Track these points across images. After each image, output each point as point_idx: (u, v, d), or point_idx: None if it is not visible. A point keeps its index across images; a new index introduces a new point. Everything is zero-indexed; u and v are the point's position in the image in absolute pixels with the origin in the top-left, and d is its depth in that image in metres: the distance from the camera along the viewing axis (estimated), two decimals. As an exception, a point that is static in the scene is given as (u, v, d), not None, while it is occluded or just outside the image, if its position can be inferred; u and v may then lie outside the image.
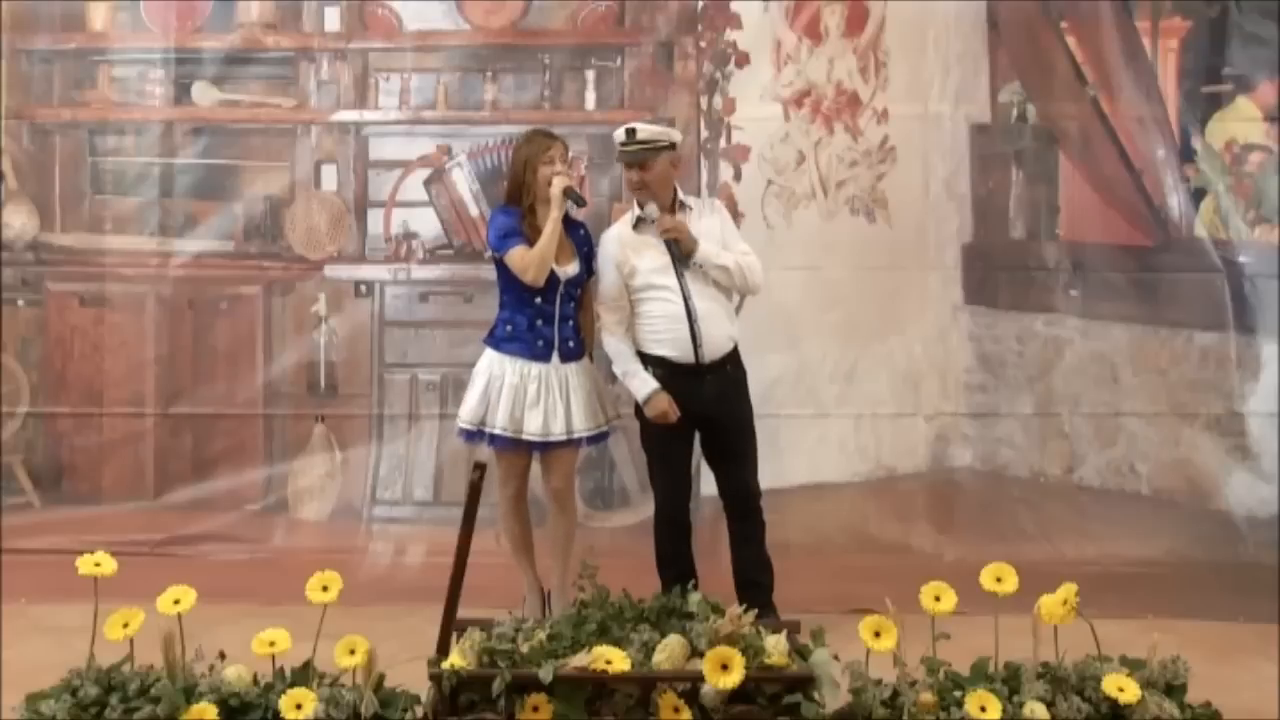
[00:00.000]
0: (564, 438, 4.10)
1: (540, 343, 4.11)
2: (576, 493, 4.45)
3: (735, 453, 4.30)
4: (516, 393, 4.08)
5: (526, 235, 4.06)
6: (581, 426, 4.13)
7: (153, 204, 5.55)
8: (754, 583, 4.24)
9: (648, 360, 4.21)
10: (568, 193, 4.04)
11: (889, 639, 3.07)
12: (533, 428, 4.07)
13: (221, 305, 5.56)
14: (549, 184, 4.04)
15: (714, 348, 4.18)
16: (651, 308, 4.18)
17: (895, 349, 5.43)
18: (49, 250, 5.55)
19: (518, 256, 4.05)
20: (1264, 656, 4.10)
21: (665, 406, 4.13)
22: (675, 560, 4.27)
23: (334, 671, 3.10)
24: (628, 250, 4.19)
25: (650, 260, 4.17)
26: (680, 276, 4.14)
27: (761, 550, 4.30)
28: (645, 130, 4.16)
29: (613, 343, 4.22)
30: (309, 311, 5.53)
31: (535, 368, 4.09)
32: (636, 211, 4.22)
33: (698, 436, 4.34)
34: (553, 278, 4.08)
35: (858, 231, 5.42)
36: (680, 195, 4.25)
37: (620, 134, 4.15)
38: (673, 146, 4.20)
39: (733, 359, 4.26)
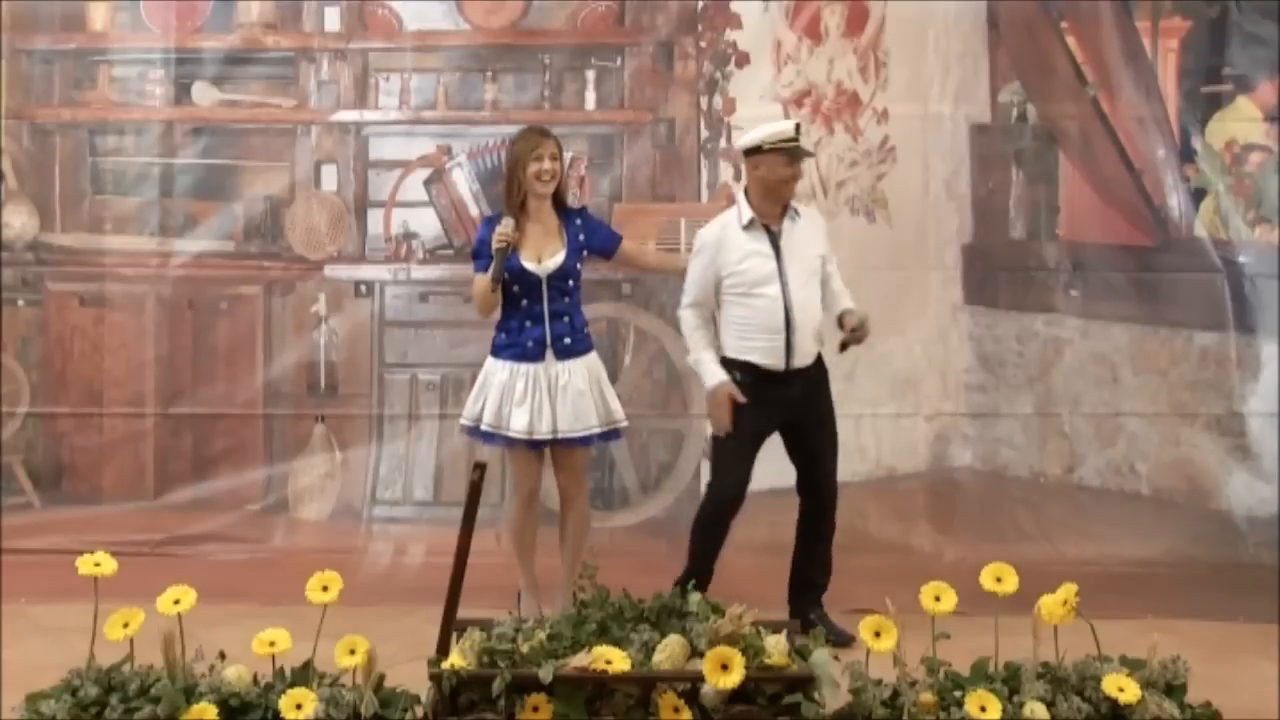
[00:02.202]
0: (549, 437, 4.09)
1: (530, 343, 4.10)
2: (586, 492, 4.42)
3: (817, 452, 4.31)
4: (505, 390, 4.09)
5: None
6: (568, 427, 4.10)
7: (153, 204, 5.55)
8: (811, 582, 4.30)
9: (732, 365, 4.17)
10: (499, 253, 4.01)
11: (889, 639, 3.07)
12: (518, 425, 4.07)
13: (221, 305, 5.56)
14: (538, 179, 4.07)
15: (803, 356, 4.17)
16: (747, 314, 4.15)
17: (895, 349, 5.43)
18: (49, 250, 5.55)
19: (475, 284, 4.14)
20: (1264, 656, 4.10)
21: (725, 402, 4.11)
22: (709, 564, 4.24)
23: (334, 671, 3.10)
24: (731, 252, 4.15)
25: (755, 265, 4.13)
26: (785, 286, 4.12)
27: (827, 550, 4.32)
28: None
29: (688, 329, 4.22)
30: (309, 311, 5.53)
31: (525, 367, 4.09)
32: (747, 213, 4.16)
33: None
34: (531, 277, 4.08)
35: (858, 231, 5.42)
36: (792, 203, 4.22)
37: (789, 128, 4.15)
38: None
39: (817, 361, 4.26)
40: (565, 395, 4.10)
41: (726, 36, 5.44)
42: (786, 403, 4.18)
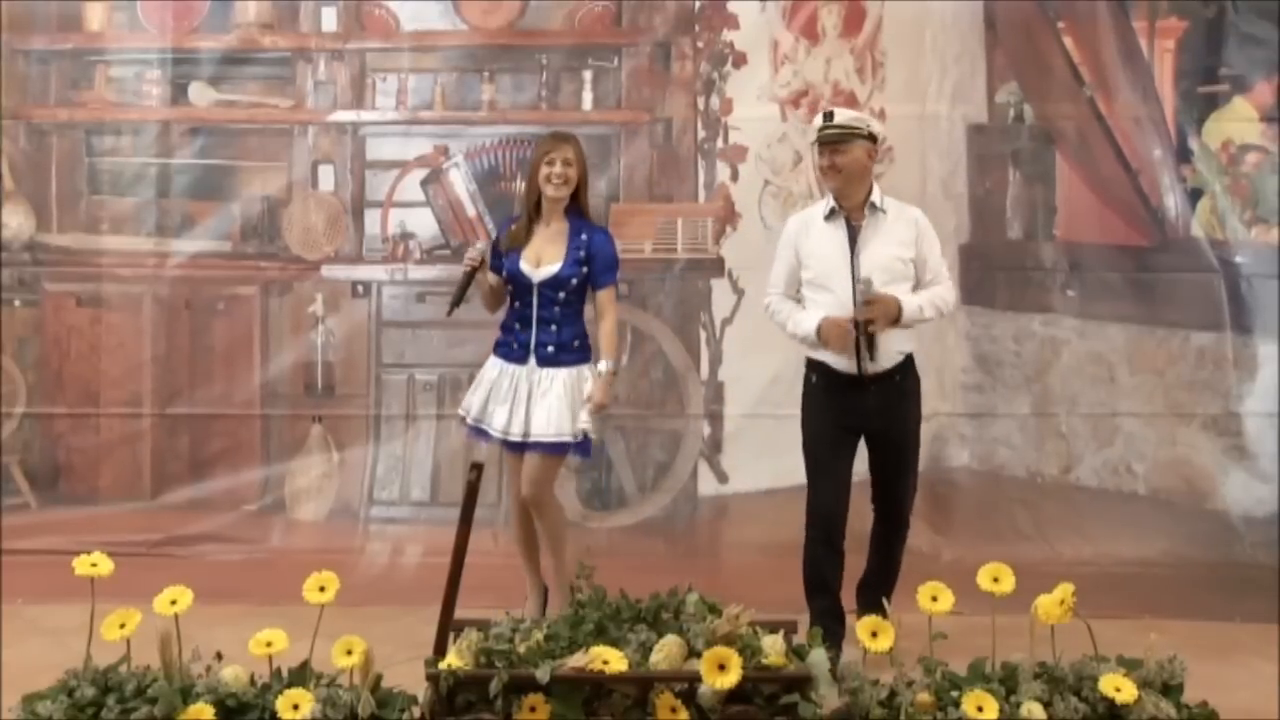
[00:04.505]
0: (519, 439, 4.06)
1: (515, 345, 4.10)
2: (555, 497, 4.23)
3: (893, 467, 4.12)
4: (494, 387, 4.12)
5: (499, 246, 4.13)
6: (539, 431, 4.04)
7: (150, 204, 5.55)
8: (872, 588, 4.03)
9: (809, 365, 4.06)
10: (465, 276, 4.08)
11: (886, 639, 3.07)
12: (497, 424, 4.08)
13: (219, 305, 5.56)
14: (547, 182, 4.07)
15: (880, 361, 3.96)
16: (818, 311, 3.97)
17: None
18: (46, 250, 5.54)
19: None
20: (1261, 656, 4.11)
21: (832, 329, 3.89)
22: (827, 587, 4.06)
23: (331, 672, 3.09)
24: (809, 236, 4.03)
25: (827, 257, 3.99)
26: (857, 283, 3.92)
27: (893, 561, 4.15)
28: (843, 115, 4.00)
29: (773, 310, 4.11)
30: (306, 312, 5.53)
31: (510, 366, 4.11)
32: (830, 202, 4.05)
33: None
34: (524, 280, 4.08)
35: (855, 232, 5.42)
36: (874, 197, 4.03)
37: (819, 119, 4.01)
38: (872, 139, 4.02)
39: (902, 369, 4.04)
40: (546, 400, 4.06)
41: (724, 37, 5.44)
42: (863, 411, 3.98)
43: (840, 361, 3.96)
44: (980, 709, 2.96)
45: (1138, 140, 5.41)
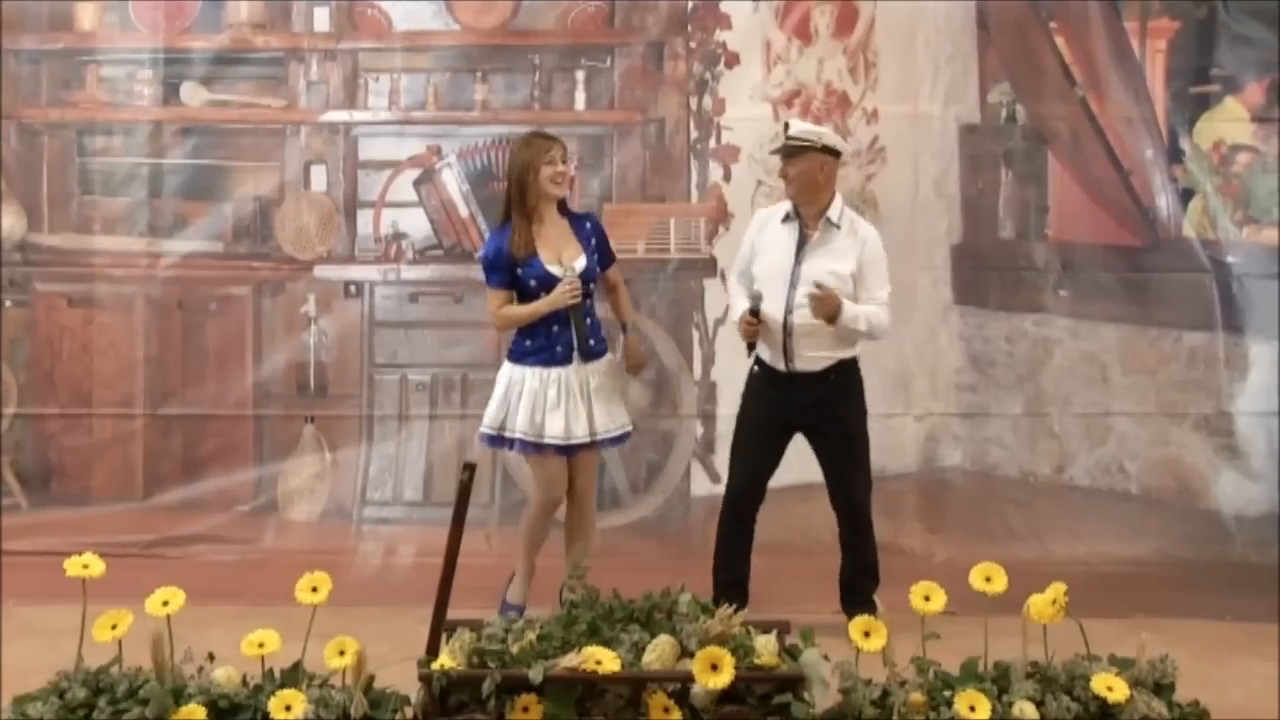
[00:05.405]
0: (587, 439, 4.10)
1: (560, 348, 4.10)
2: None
3: (837, 461, 4.29)
4: (536, 397, 4.08)
5: (513, 255, 4.07)
6: (604, 428, 4.14)
7: (142, 204, 5.54)
8: (853, 588, 4.29)
9: (756, 358, 4.25)
10: (576, 310, 4.08)
11: (879, 639, 3.07)
12: (554, 431, 4.07)
13: (211, 306, 5.55)
14: (553, 182, 4.06)
15: (807, 363, 4.16)
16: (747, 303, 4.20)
17: (885, 349, 5.38)
18: (37, 251, 5.53)
19: (495, 302, 4.14)
20: (1253, 655, 4.12)
21: (741, 324, 4.16)
22: (732, 565, 4.27)
23: (324, 672, 3.09)
24: (764, 233, 4.25)
25: (771, 258, 4.18)
26: (792, 288, 4.12)
27: (863, 557, 4.33)
28: (796, 127, 4.18)
29: (729, 288, 4.39)
30: (299, 312, 5.52)
31: (555, 372, 4.09)
32: (789, 206, 4.23)
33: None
34: (553, 281, 4.07)
35: (848, 232, 5.42)
36: (831, 211, 4.16)
37: (779, 130, 4.26)
38: (828, 151, 4.13)
39: (838, 369, 4.20)
40: (600, 396, 4.13)
41: (716, 37, 5.44)
42: (794, 405, 4.19)
43: (771, 357, 4.18)
44: (973, 708, 2.96)
45: (1129, 140, 5.42)
